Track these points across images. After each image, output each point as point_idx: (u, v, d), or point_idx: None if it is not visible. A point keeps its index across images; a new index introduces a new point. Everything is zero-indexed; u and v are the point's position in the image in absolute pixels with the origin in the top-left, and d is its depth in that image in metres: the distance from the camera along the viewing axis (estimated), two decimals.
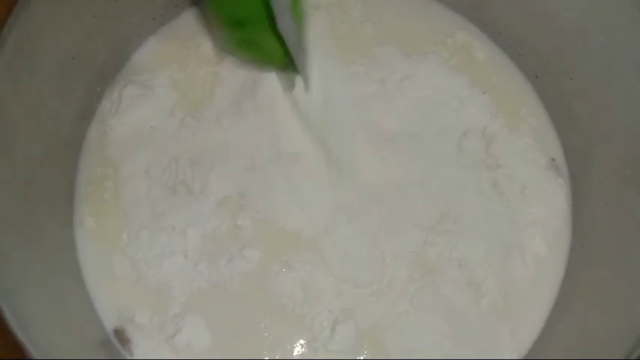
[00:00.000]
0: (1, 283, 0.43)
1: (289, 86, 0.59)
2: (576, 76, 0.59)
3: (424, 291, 0.56)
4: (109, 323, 0.55)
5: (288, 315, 0.55)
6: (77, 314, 0.54)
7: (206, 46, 0.64)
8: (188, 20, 0.65)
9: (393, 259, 0.57)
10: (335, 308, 0.55)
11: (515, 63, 0.64)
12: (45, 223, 0.54)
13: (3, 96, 0.48)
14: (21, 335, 0.42)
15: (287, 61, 0.56)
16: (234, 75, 0.63)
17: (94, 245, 0.57)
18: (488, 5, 0.63)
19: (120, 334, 0.55)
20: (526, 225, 0.59)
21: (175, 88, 0.63)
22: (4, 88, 0.48)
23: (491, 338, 0.55)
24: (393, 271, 0.56)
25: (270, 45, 0.54)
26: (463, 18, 0.66)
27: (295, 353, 0.54)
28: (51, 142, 0.55)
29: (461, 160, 0.61)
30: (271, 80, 0.61)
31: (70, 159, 0.59)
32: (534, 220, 0.59)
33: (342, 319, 0.54)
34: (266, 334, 0.55)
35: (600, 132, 0.57)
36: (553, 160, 0.62)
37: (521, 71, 0.64)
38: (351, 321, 0.54)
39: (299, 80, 0.59)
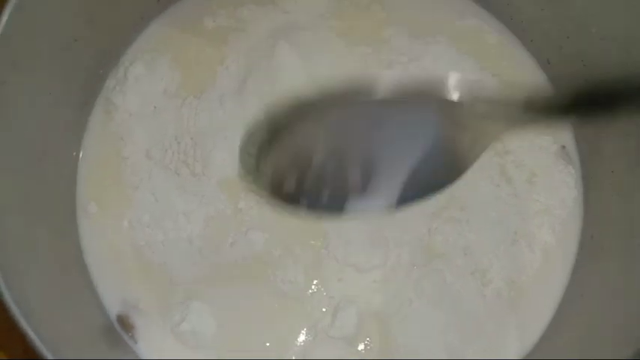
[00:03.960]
0: (2, 271, 0.43)
1: None
2: (589, 62, 0.57)
3: (428, 278, 0.55)
4: (113, 310, 0.55)
5: (290, 301, 0.55)
6: (80, 301, 0.53)
7: (210, 27, 0.63)
8: (192, 2, 0.64)
9: (396, 245, 0.56)
10: (336, 294, 0.55)
11: (526, 48, 0.63)
12: (47, 209, 0.53)
13: (2, 80, 0.47)
14: (23, 322, 0.42)
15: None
16: (238, 55, 0.62)
17: (97, 231, 0.57)
18: None
19: (123, 320, 0.54)
20: (534, 213, 0.58)
21: (179, 68, 0.62)
22: (4, 72, 0.47)
23: (496, 328, 0.55)
24: (396, 257, 0.56)
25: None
26: (473, 1, 0.65)
27: (297, 340, 0.54)
28: (53, 127, 0.55)
29: None
30: (276, 61, 0.60)
31: (73, 143, 0.58)
32: (543, 208, 0.58)
33: (343, 306, 0.54)
34: (268, 321, 0.55)
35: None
36: (563, 147, 0.61)
37: (533, 57, 0.63)
38: (353, 307, 0.54)
39: None
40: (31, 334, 0.42)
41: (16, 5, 0.46)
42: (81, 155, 0.59)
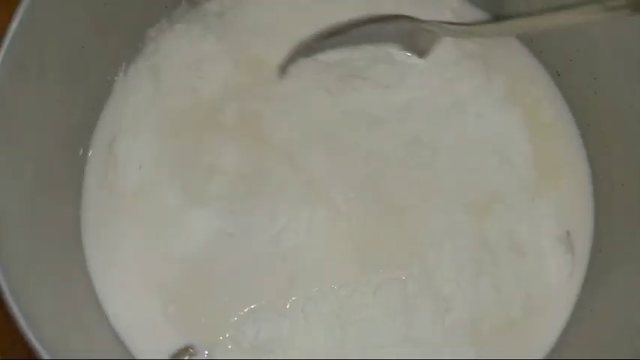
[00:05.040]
0: (10, 284, 0.42)
1: None
2: (600, 75, 0.56)
3: (388, 287, 0.54)
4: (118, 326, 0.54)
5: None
6: (89, 318, 0.53)
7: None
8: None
9: None
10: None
11: (537, 59, 0.62)
12: (54, 222, 0.52)
13: (13, 89, 0.46)
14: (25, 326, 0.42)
15: None
16: None
17: (102, 248, 0.56)
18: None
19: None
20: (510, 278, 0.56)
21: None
22: (14, 80, 0.46)
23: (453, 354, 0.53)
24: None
25: None
26: (481, 10, 0.63)
27: None
28: (61, 137, 0.54)
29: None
30: None
31: (80, 155, 0.58)
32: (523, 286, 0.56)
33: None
34: None
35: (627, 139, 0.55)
36: (568, 233, 0.57)
37: (543, 67, 0.62)
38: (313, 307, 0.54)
39: None
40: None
41: (24, 14, 0.46)
42: (87, 166, 0.58)
